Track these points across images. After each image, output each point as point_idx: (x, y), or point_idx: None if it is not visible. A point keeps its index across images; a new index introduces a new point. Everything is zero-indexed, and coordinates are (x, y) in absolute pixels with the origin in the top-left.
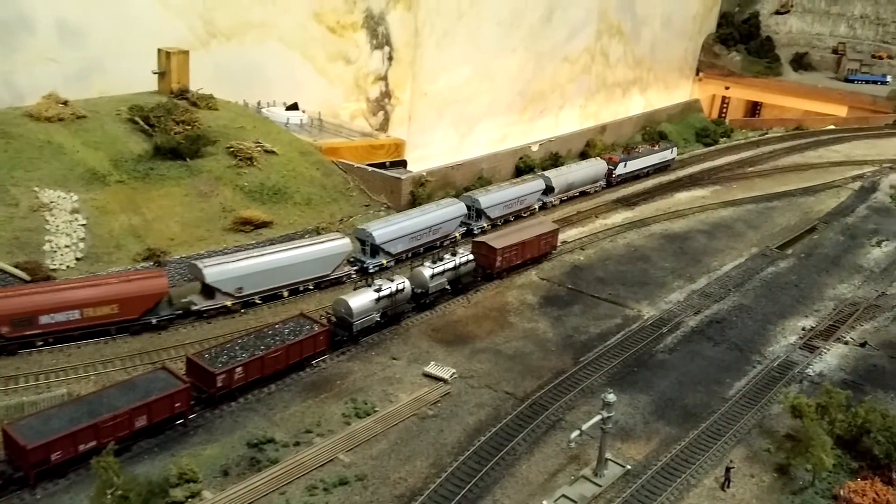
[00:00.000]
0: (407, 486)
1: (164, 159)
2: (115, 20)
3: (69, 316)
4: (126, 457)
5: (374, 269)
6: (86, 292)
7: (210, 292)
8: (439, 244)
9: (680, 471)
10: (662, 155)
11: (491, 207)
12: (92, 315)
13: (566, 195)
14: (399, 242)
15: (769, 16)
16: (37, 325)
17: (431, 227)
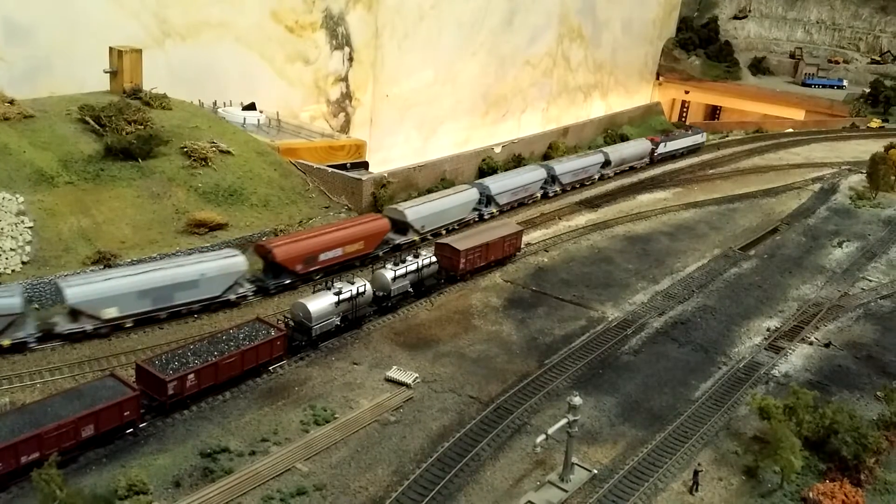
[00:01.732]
0: (368, 494)
1: (116, 160)
2: (64, 18)
3: (335, 253)
4: (72, 468)
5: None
6: (343, 233)
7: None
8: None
9: (647, 475)
10: (694, 139)
11: (565, 173)
12: (348, 251)
13: (620, 168)
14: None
15: (728, 20)
16: (317, 262)
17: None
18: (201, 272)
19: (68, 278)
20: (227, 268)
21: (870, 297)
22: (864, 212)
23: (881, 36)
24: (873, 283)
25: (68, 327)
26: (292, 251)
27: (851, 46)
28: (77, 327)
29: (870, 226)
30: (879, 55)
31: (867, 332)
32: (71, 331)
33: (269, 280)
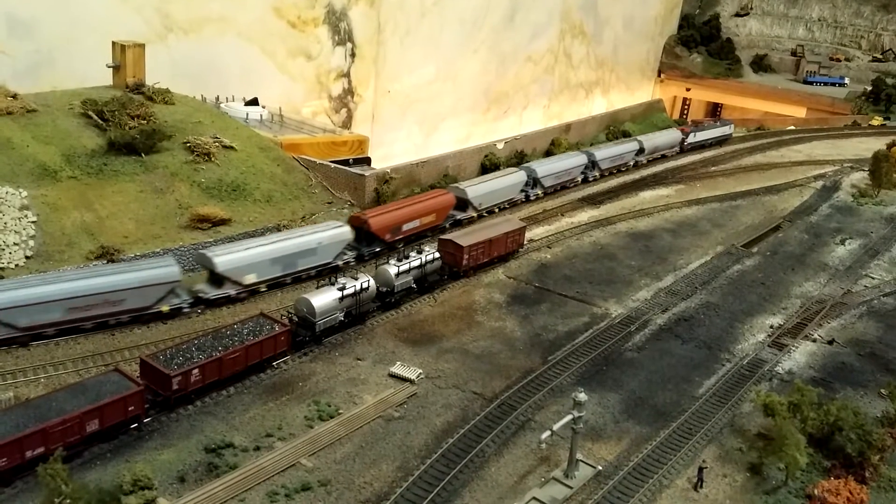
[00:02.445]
0: (372, 490)
1: (119, 154)
2: (67, 13)
3: (414, 224)
4: (77, 463)
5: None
6: (420, 206)
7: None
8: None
9: (652, 471)
10: (722, 130)
11: (604, 159)
12: (424, 222)
13: (652, 156)
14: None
15: (729, 18)
16: (400, 231)
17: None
18: (318, 241)
19: (214, 248)
20: (337, 237)
21: (873, 295)
22: (867, 209)
23: (882, 34)
24: (876, 280)
25: (215, 293)
26: (383, 221)
27: (853, 44)
28: (222, 293)
29: (872, 223)
30: (881, 53)
31: (870, 330)
32: (217, 296)
33: (363, 248)
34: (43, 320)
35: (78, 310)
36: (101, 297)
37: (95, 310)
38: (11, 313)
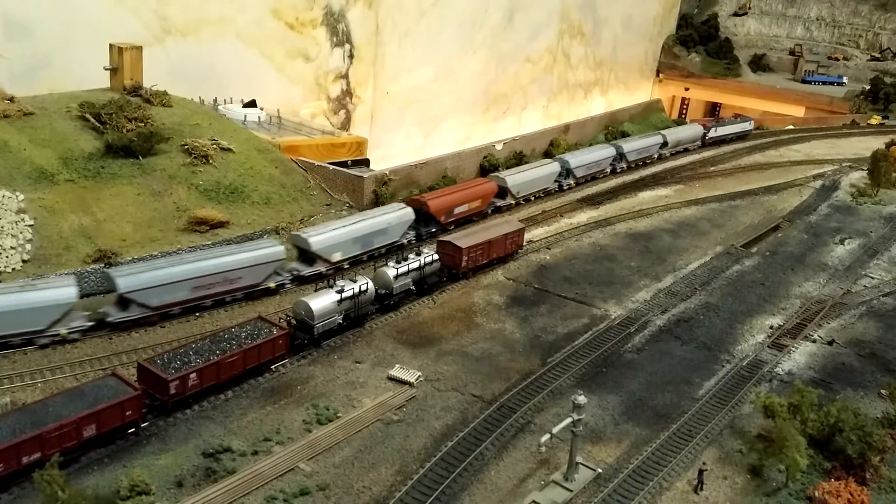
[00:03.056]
0: (371, 494)
1: (116, 157)
2: (64, 15)
3: (463, 208)
4: (74, 468)
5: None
6: (468, 192)
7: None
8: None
9: (652, 473)
10: (742, 126)
11: (631, 152)
12: (471, 207)
13: (676, 149)
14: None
15: (728, 17)
16: (452, 214)
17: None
18: (389, 221)
19: (307, 230)
20: (403, 217)
21: (872, 295)
22: (866, 209)
23: (881, 33)
24: (876, 280)
25: (309, 271)
26: (440, 204)
27: (851, 43)
28: (314, 271)
29: (871, 223)
30: (879, 52)
31: (870, 330)
32: (311, 273)
33: (421, 228)
34: (172, 299)
35: (201, 288)
36: (221, 275)
37: (216, 288)
38: (146, 294)
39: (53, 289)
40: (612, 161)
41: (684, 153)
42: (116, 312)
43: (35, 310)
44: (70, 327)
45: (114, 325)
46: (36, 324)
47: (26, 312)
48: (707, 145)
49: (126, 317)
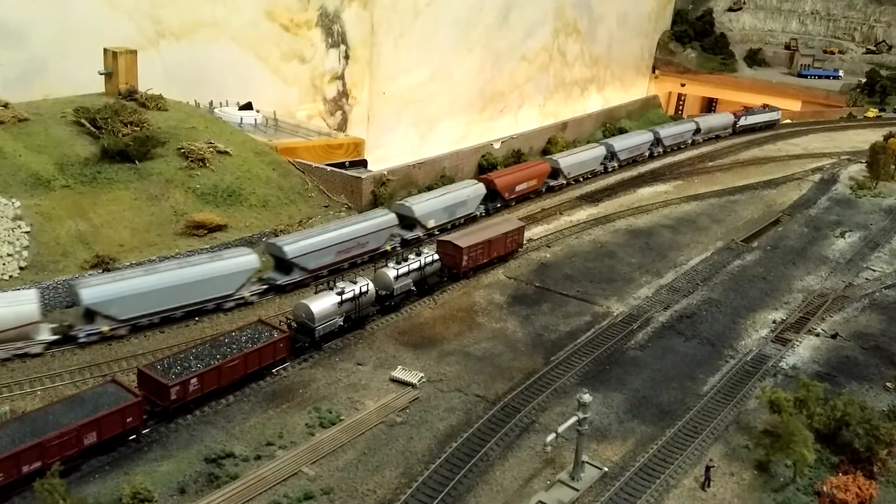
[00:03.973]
0: (376, 497)
1: (112, 162)
2: (58, 20)
3: (522, 186)
4: (75, 477)
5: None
6: (526, 172)
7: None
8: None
9: (658, 471)
10: (770, 115)
11: (667, 137)
12: (529, 185)
13: (708, 136)
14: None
15: (723, 13)
16: (514, 192)
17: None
18: (468, 195)
19: (409, 199)
20: (478, 191)
21: (874, 287)
22: (866, 201)
23: (875, 26)
24: (877, 272)
25: (410, 235)
26: (505, 182)
27: (846, 37)
28: (415, 235)
29: (871, 215)
30: (874, 45)
31: (873, 323)
32: (413, 237)
33: (488, 203)
34: (322, 263)
35: (342, 252)
36: (356, 240)
37: (351, 252)
38: (305, 258)
39: (238, 257)
40: (650, 146)
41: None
42: (281, 276)
43: (227, 276)
44: (252, 290)
45: (281, 287)
46: (227, 289)
47: (220, 279)
48: (737, 133)
49: (290, 280)
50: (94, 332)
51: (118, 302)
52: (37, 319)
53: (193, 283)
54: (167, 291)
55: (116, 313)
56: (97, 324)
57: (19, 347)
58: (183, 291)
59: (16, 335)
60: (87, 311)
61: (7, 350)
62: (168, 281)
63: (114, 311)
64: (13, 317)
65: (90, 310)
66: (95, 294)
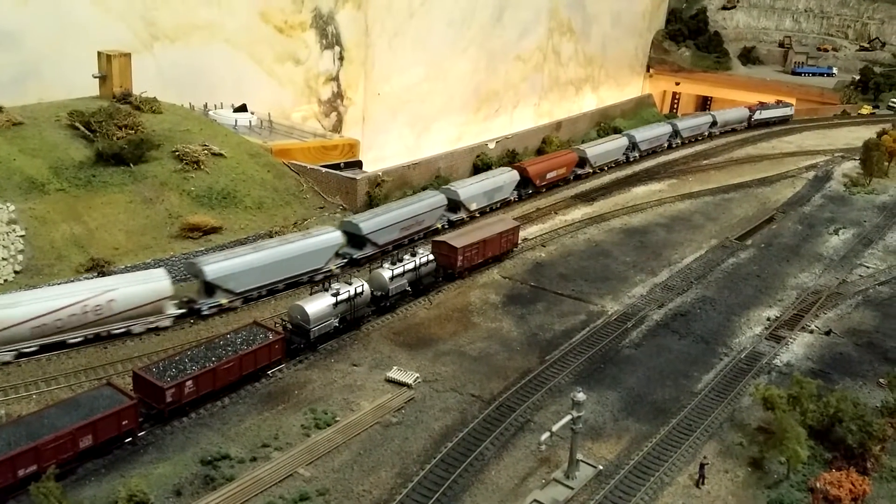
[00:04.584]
0: (372, 498)
1: (107, 165)
2: (51, 24)
3: (552, 174)
4: (71, 480)
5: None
6: (556, 161)
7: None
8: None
9: (653, 469)
10: (783, 110)
11: (685, 129)
12: (559, 173)
13: (724, 129)
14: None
15: (716, 11)
16: (545, 179)
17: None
18: (504, 181)
19: (455, 183)
20: (512, 178)
21: (868, 284)
22: (859, 198)
23: (869, 23)
24: (871, 269)
25: (455, 217)
26: (537, 170)
27: (840, 34)
28: (460, 216)
29: (865, 212)
30: (868, 42)
31: (867, 319)
32: (458, 219)
33: (521, 189)
34: (389, 238)
35: (404, 229)
36: (415, 218)
37: (411, 229)
38: (376, 234)
39: (327, 234)
40: (669, 137)
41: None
42: (356, 251)
43: (318, 251)
44: (336, 264)
45: (356, 260)
46: (317, 263)
47: (313, 254)
48: (752, 126)
49: (363, 254)
50: (214, 304)
51: (235, 277)
52: (169, 294)
53: (292, 259)
54: (272, 266)
55: (233, 287)
56: (217, 297)
57: (152, 321)
58: (284, 266)
59: (150, 310)
60: (208, 285)
61: (143, 324)
62: (272, 257)
63: (231, 284)
64: (150, 293)
65: (211, 284)
66: (217, 270)
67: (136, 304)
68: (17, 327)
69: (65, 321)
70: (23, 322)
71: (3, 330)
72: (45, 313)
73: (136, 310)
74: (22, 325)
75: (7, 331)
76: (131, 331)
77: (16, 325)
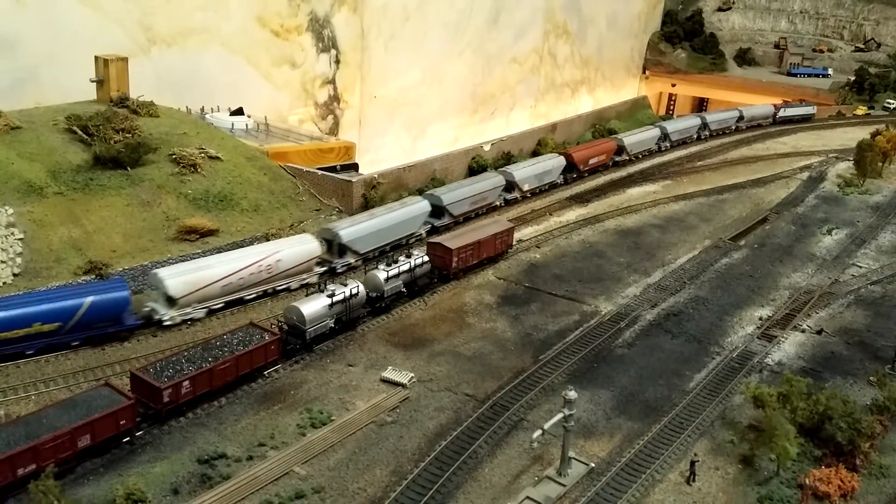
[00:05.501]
0: (366, 496)
1: (105, 169)
2: (49, 29)
3: (595, 160)
4: (69, 479)
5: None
6: (598, 148)
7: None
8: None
9: (644, 466)
10: (806, 109)
11: (713, 122)
12: (600, 159)
13: (750, 123)
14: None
15: (712, 13)
16: (588, 164)
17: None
18: (552, 165)
19: (509, 167)
20: (559, 163)
21: (860, 284)
22: (853, 199)
23: (864, 24)
24: (863, 269)
25: (509, 196)
26: (581, 156)
27: (835, 35)
28: (514, 196)
29: (858, 212)
30: (863, 43)
31: (858, 318)
32: (513, 197)
33: (567, 174)
34: (462, 210)
35: (473, 203)
36: (481, 195)
37: (477, 204)
38: (454, 206)
39: (419, 203)
40: (698, 130)
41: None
42: (436, 220)
43: (414, 218)
44: (424, 230)
45: (437, 228)
46: (413, 228)
47: (410, 220)
48: (776, 123)
49: (442, 223)
50: (346, 263)
51: (361, 239)
52: (320, 255)
53: (398, 224)
54: (384, 230)
55: (359, 248)
56: (347, 257)
57: (304, 278)
58: (392, 230)
59: (304, 268)
60: (341, 247)
61: (297, 281)
62: (385, 223)
63: (358, 246)
64: (306, 253)
65: (344, 246)
66: (349, 234)
67: (296, 262)
68: (211, 286)
69: (245, 279)
70: (216, 281)
71: (203, 288)
72: (233, 272)
73: (295, 268)
74: (215, 284)
75: (205, 289)
76: (289, 287)
77: (211, 284)
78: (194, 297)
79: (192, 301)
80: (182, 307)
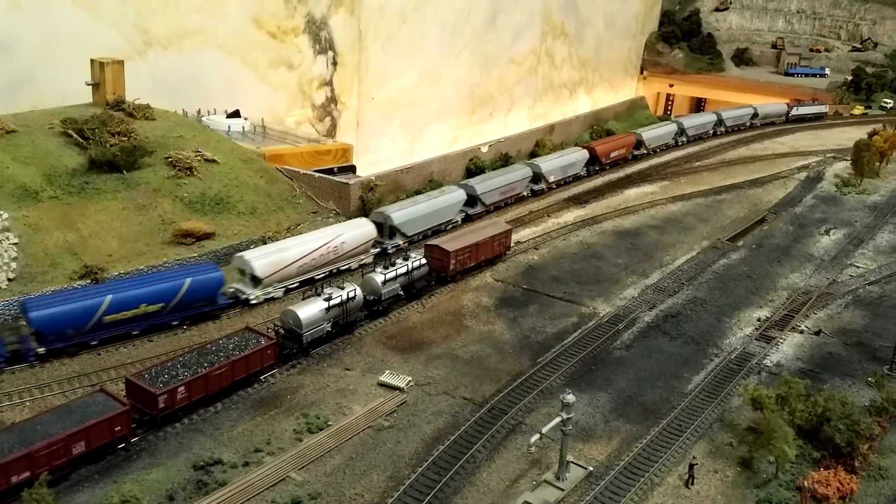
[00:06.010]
0: (363, 501)
1: (100, 172)
2: (44, 32)
3: (616, 153)
4: (64, 486)
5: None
6: (618, 142)
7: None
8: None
9: (643, 470)
10: (818, 108)
11: (728, 119)
12: (620, 153)
13: (764, 121)
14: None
15: (709, 13)
16: (609, 157)
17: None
18: (576, 158)
19: (538, 159)
20: (582, 156)
21: (858, 284)
22: (850, 199)
23: (861, 24)
24: (861, 269)
25: (536, 187)
26: (604, 149)
27: (832, 35)
28: (541, 187)
29: (856, 212)
30: (860, 43)
31: (856, 319)
32: (539, 189)
33: (590, 167)
34: (492, 200)
35: (503, 193)
36: (510, 185)
37: (506, 194)
38: (486, 195)
39: (456, 192)
40: (713, 125)
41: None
42: (470, 209)
43: (452, 205)
44: (459, 217)
45: (469, 216)
46: (451, 214)
47: (449, 207)
48: (789, 121)
49: (476, 211)
50: (395, 244)
51: (409, 223)
52: (375, 237)
53: (439, 210)
54: (427, 216)
55: (407, 231)
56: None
57: (361, 258)
58: (434, 216)
59: (363, 249)
60: (392, 229)
61: (357, 261)
62: (428, 208)
63: (406, 228)
64: (365, 235)
65: (394, 228)
66: (399, 217)
67: (357, 243)
68: (289, 266)
69: (316, 260)
70: (294, 262)
71: (283, 269)
72: (307, 254)
73: (355, 249)
74: (293, 265)
75: (284, 269)
76: (350, 267)
77: (290, 265)
78: (276, 276)
79: (273, 281)
80: (265, 287)
